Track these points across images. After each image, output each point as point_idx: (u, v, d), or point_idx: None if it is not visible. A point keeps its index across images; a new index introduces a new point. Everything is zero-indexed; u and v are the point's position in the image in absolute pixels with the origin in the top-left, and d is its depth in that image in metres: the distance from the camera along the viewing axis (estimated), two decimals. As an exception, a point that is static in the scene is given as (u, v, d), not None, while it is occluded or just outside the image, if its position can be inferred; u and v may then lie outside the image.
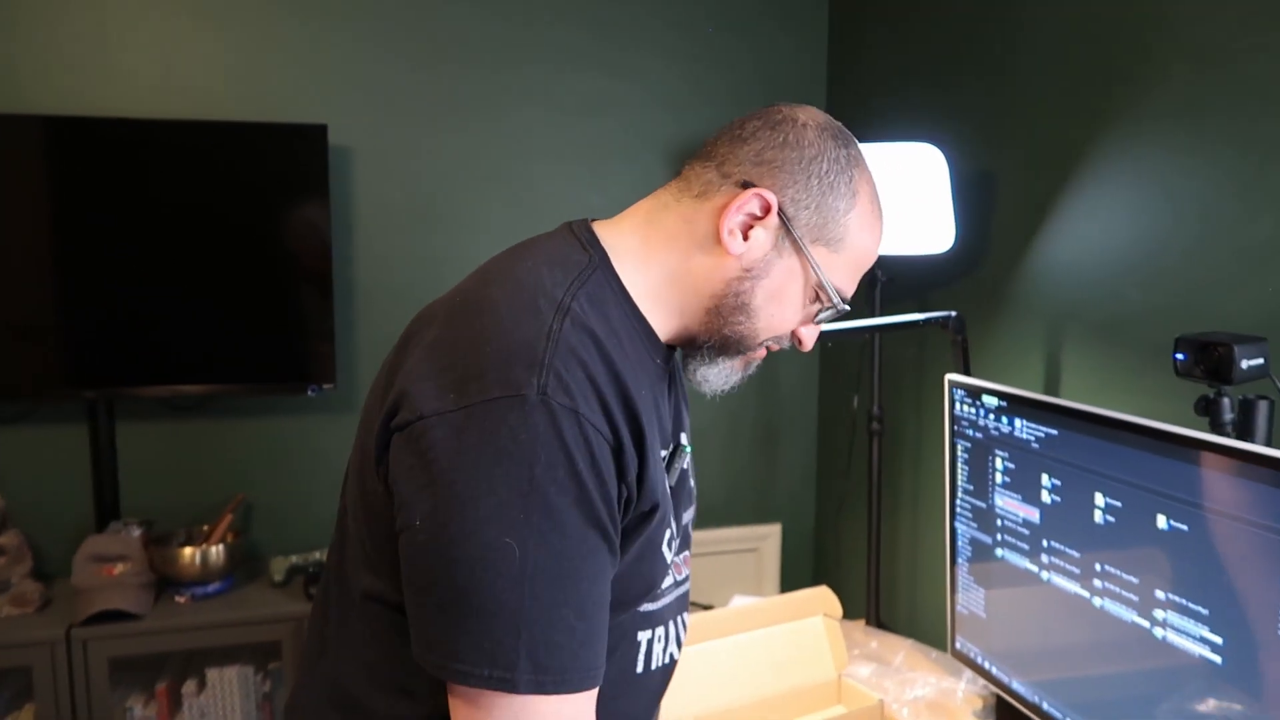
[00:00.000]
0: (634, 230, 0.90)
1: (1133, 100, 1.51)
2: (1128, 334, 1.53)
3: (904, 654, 1.79)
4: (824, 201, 0.86)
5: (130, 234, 2.07)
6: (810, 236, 0.86)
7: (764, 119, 0.89)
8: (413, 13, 2.27)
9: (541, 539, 0.73)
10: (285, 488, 2.30)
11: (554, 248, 0.88)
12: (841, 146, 0.88)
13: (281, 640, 2.02)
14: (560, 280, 0.83)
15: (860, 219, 0.88)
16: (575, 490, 0.74)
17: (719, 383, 0.92)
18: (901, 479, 2.19)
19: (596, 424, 0.76)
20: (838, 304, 0.90)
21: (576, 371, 0.76)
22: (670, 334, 0.91)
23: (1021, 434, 1.38)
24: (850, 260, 0.89)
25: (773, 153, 0.86)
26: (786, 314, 0.89)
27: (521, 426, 0.73)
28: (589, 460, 0.75)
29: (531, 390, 0.74)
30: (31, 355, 2.05)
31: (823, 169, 0.86)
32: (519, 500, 0.72)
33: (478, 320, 0.80)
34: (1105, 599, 1.24)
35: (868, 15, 2.36)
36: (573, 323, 0.79)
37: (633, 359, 0.84)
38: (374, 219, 2.30)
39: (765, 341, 0.91)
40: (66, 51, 2.09)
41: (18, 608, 1.96)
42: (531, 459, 0.73)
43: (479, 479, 0.73)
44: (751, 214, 0.85)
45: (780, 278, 0.87)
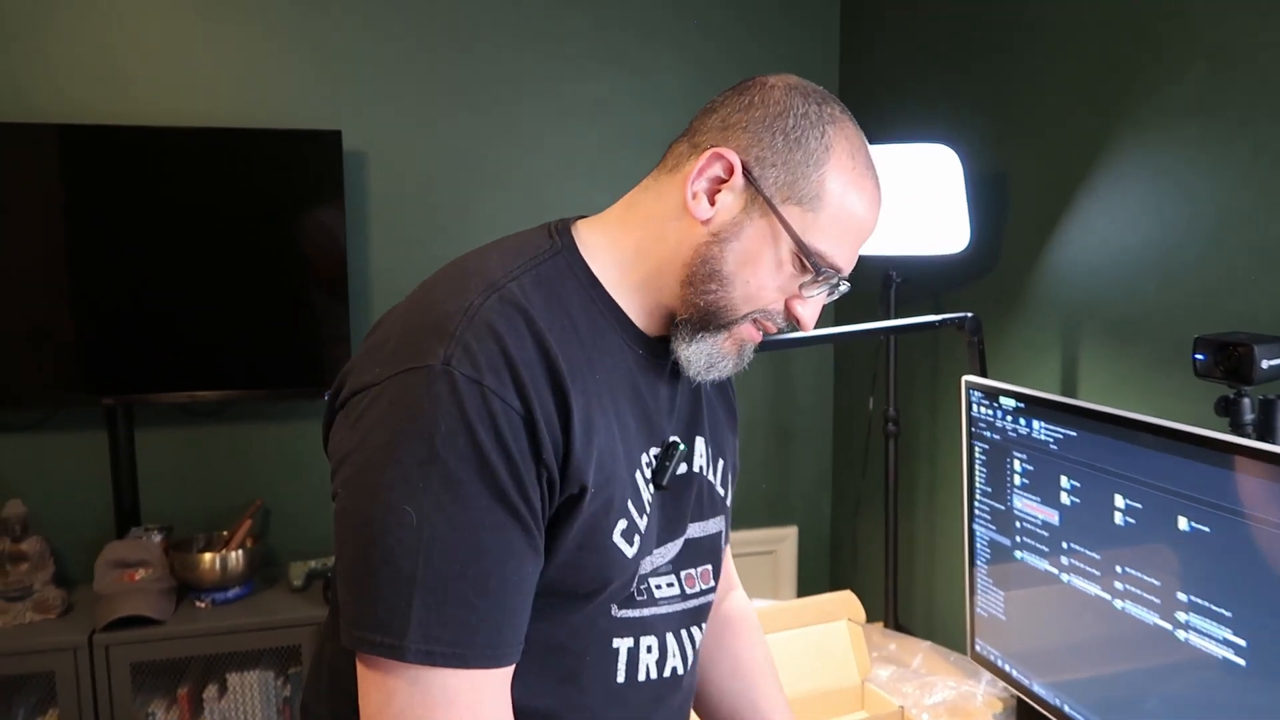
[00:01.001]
0: (614, 217, 0.90)
1: (1148, 98, 1.50)
2: (1145, 334, 1.52)
3: (922, 656, 1.79)
4: (791, 157, 0.82)
5: (147, 241, 2.09)
6: (780, 195, 0.82)
7: (734, 88, 0.88)
8: (425, 19, 2.28)
9: (439, 508, 0.72)
10: (302, 492, 2.31)
11: (520, 239, 0.88)
12: (812, 104, 0.84)
13: (301, 645, 2.03)
14: (507, 263, 0.83)
15: (839, 175, 0.83)
16: (477, 462, 0.73)
17: (704, 364, 0.87)
18: (917, 481, 2.19)
19: (505, 397, 0.74)
20: (822, 270, 0.84)
21: (489, 344, 0.75)
22: (656, 320, 0.88)
23: (1039, 435, 1.37)
24: (835, 222, 0.84)
25: (738, 115, 0.85)
26: (764, 280, 0.84)
27: (425, 396, 0.73)
28: (492, 433, 0.73)
29: (437, 361, 0.74)
30: (50, 363, 2.07)
31: (788, 124, 0.83)
32: (419, 469, 0.72)
33: (410, 305, 0.82)
34: (1126, 601, 1.24)
35: (880, 15, 2.35)
36: (500, 299, 0.78)
37: (589, 343, 0.82)
38: (388, 223, 2.31)
39: (750, 315, 0.86)
40: (81, 61, 2.11)
41: (40, 614, 1.98)
42: (432, 428, 0.72)
43: (386, 447, 0.73)
44: (716, 177, 0.84)
45: (752, 240, 0.83)
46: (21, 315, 2.04)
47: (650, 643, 0.90)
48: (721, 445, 1.01)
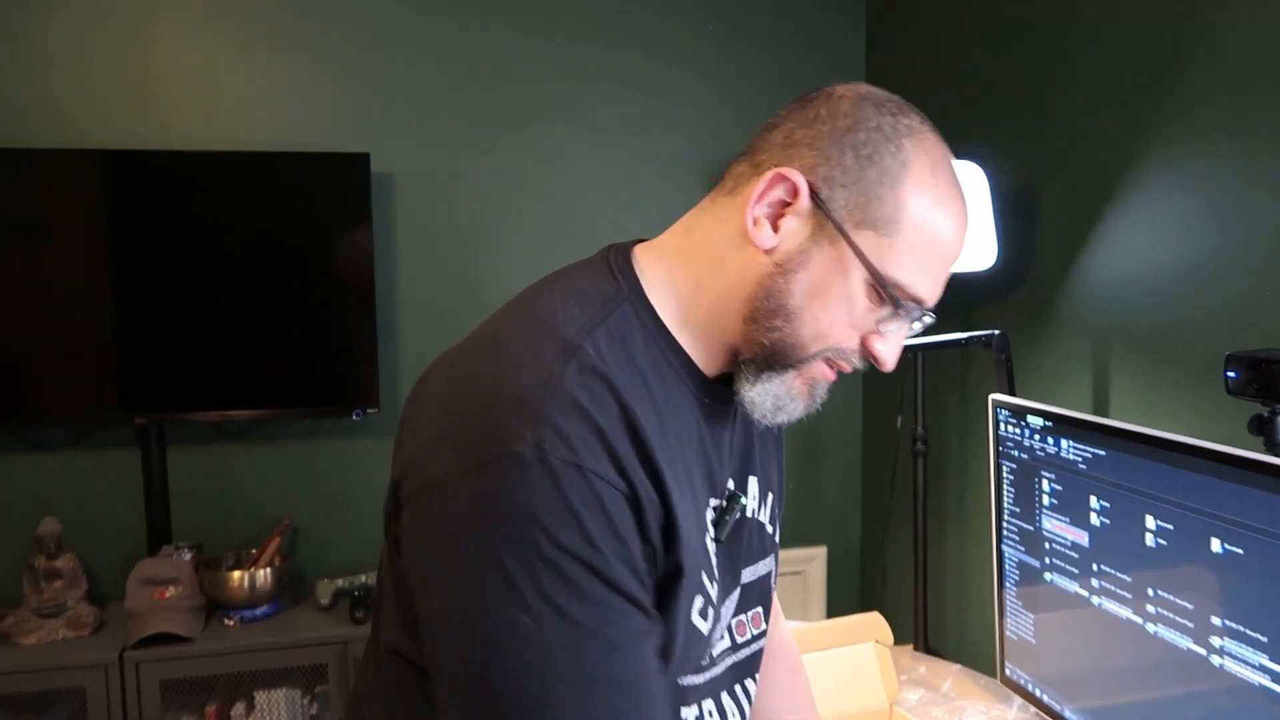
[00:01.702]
0: (671, 245, 0.81)
1: (1178, 112, 1.48)
2: (1177, 351, 1.49)
3: (952, 680, 1.75)
4: (863, 176, 0.73)
5: (179, 263, 2.12)
6: (852, 220, 0.73)
7: (799, 100, 0.78)
8: (451, 42, 2.31)
9: (559, 612, 0.65)
10: (330, 511, 2.33)
11: (581, 278, 0.80)
12: (886, 114, 0.75)
13: (328, 663, 2.04)
14: (577, 317, 0.74)
15: (918, 194, 0.74)
16: (590, 553, 0.66)
17: (771, 408, 0.79)
18: (947, 500, 2.16)
19: (607, 477, 0.67)
20: (901, 303, 0.75)
21: (578, 422, 0.67)
22: (720, 360, 0.80)
23: (1068, 455, 1.35)
24: (915, 247, 0.74)
25: (802, 131, 0.75)
26: (835, 316, 0.75)
27: (520, 489, 0.65)
28: (601, 518, 0.66)
29: (527, 447, 0.66)
30: (85, 382, 2.11)
31: (859, 139, 0.74)
32: (526, 571, 0.64)
33: (479, 368, 0.73)
34: (1159, 625, 1.21)
35: (905, 33, 2.35)
36: (580, 366, 0.70)
37: (663, 401, 0.75)
38: (416, 244, 2.33)
39: (821, 353, 0.77)
40: (121, 88, 2.16)
41: (73, 630, 2.00)
42: (534, 524, 0.65)
43: (484, 553, 0.65)
44: (780, 201, 0.75)
45: (821, 270, 0.74)
46: (58, 336, 2.08)
47: (710, 706, 0.85)
48: (770, 479, 0.95)
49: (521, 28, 2.34)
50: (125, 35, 2.16)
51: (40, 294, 2.05)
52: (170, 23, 2.17)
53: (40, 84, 2.12)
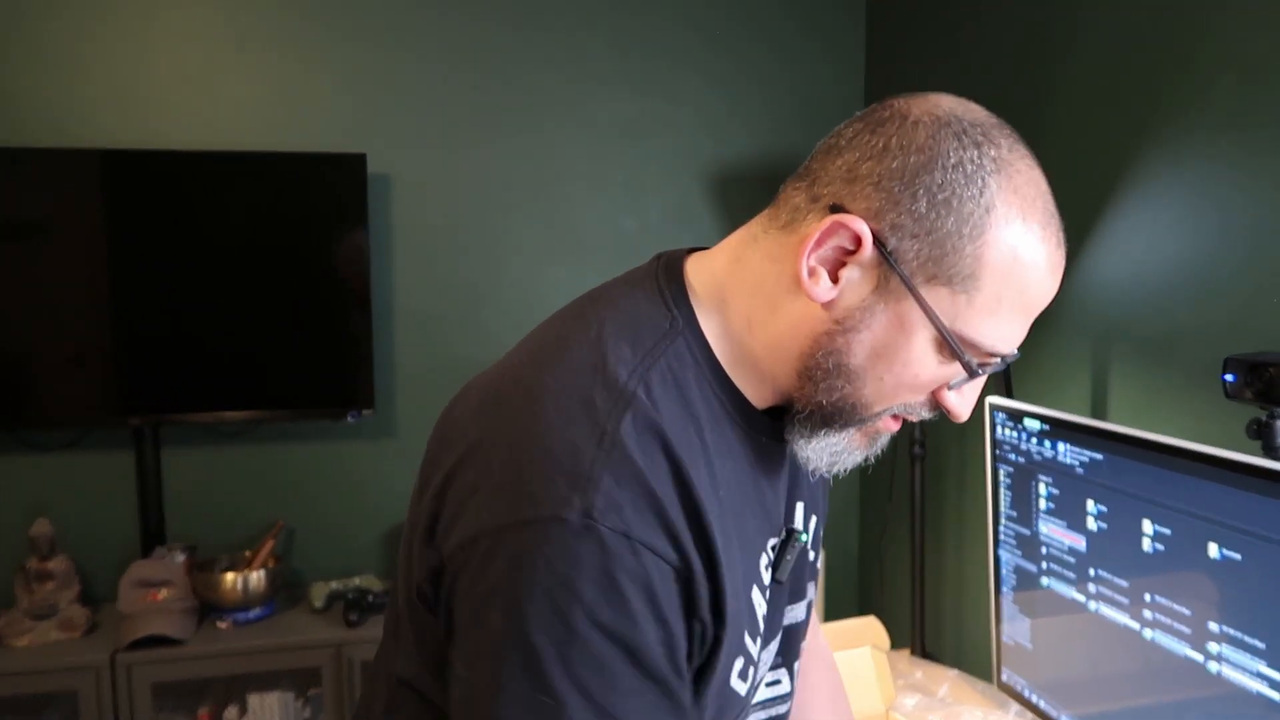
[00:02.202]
0: (722, 271, 0.72)
1: (1178, 113, 1.47)
2: (1176, 354, 1.48)
3: (949, 685, 1.74)
4: (938, 225, 0.63)
5: (175, 264, 2.11)
6: (924, 274, 0.64)
7: (867, 118, 0.68)
8: (449, 42, 2.30)
9: (584, 694, 0.60)
10: (325, 514, 2.32)
11: (631, 306, 0.71)
12: (970, 146, 0.64)
13: (321, 666, 2.03)
14: (628, 357, 0.67)
15: (1004, 244, 0.64)
16: (629, 634, 0.61)
17: (827, 461, 0.72)
18: (945, 504, 2.15)
19: (659, 549, 0.62)
20: (975, 365, 0.67)
21: (631, 486, 0.62)
22: (772, 398, 0.74)
23: (1065, 459, 1.34)
24: (999, 301, 0.65)
25: (869, 164, 0.65)
26: (903, 377, 0.67)
27: (560, 557, 0.60)
28: (647, 596, 0.61)
29: (573, 512, 0.60)
30: (80, 383, 2.10)
31: (934, 181, 0.63)
32: (555, 648, 0.60)
33: (522, 415, 0.66)
34: (1156, 630, 1.20)
35: (906, 35, 2.34)
36: (634, 419, 0.64)
37: (714, 448, 0.68)
38: (412, 245, 2.33)
39: (887, 412, 0.70)
40: (120, 88, 2.15)
41: (65, 632, 1.99)
42: (572, 597, 0.60)
43: (510, 623, 0.60)
44: (841, 248, 0.66)
45: (886, 331, 0.66)
46: (53, 336, 2.07)
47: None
48: (815, 500, 0.88)
49: (520, 28, 2.33)
50: (124, 36, 2.15)
51: (36, 294, 2.04)
52: (169, 24, 2.17)
53: (39, 84, 2.12)
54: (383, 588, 2.17)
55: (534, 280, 2.39)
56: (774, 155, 2.49)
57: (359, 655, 2.02)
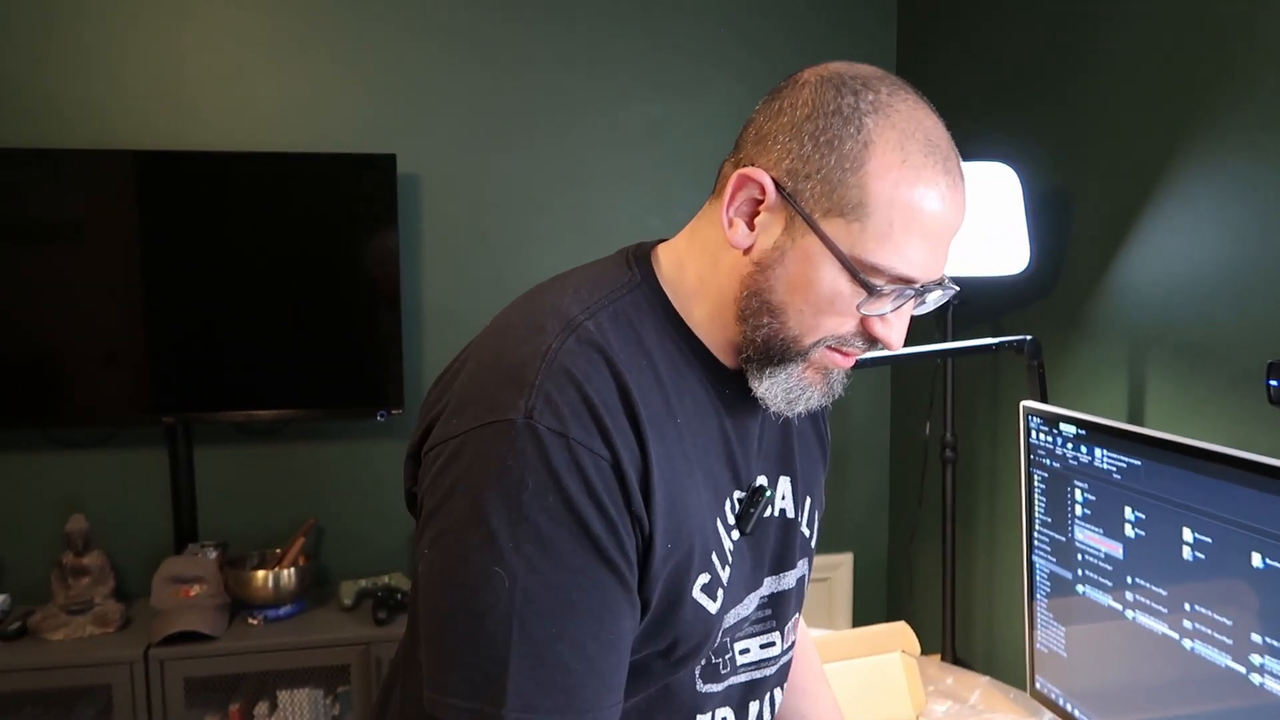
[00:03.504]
0: (681, 245, 0.83)
1: (1219, 111, 1.44)
2: (1216, 358, 1.45)
3: (980, 692, 1.72)
4: (825, 163, 0.72)
5: (207, 263, 2.13)
6: (820, 209, 0.73)
7: (772, 91, 0.79)
8: (478, 43, 2.31)
9: (531, 569, 0.68)
10: (354, 512, 2.33)
11: (597, 269, 0.83)
12: (847, 94, 0.73)
13: (350, 664, 2.04)
14: (585, 298, 0.78)
15: (885, 173, 0.72)
16: (569, 518, 0.69)
17: (783, 400, 0.79)
18: (977, 508, 2.12)
19: (592, 446, 0.70)
20: (877, 287, 0.74)
21: (569, 391, 0.70)
22: (727, 352, 0.82)
23: (1102, 464, 1.31)
24: (891, 225, 0.72)
25: (769, 125, 0.76)
26: (820, 305, 0.75)
27: (508, 452, 0.69)
28: (583, 486, 0.69)
29: (517, 414, 0.70)
30: (114, 382, 2.13)
31: (818, 126, 0.73)
32: (507, 529, 0.68)
33: (488, 344, 0.78)
34: (1196, 640, 1.17)
35: (937, 31, 2.31)
36: (579, 340, 0.73)
37: (671, 385, 0.77)
38: (441, 245, 2.33)
39: (818, 344, 0.77)
40: (154, 90, 2.18)
41: (100, 627, 2.02)
42: (518, 486, 0.68)
43: (471, 508, 0.69)
44: (752, 199, 0.76)
45: (797, 264, 0.74)
46: (88, 335, 2.09)
47: (727, 714, 0.86)
48: (810, 483, 0.94)
49: (549, 30, 2.34)
50: (158, 39, 2.17)
51: (71, 294, 2.07)
52: (202, 26, 2.19)
53: (75, 86, 2.15)
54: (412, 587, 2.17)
55: (562, 280, 2.38)
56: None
57: (387, 654, 2.03)
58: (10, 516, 2.17)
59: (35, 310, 2.06)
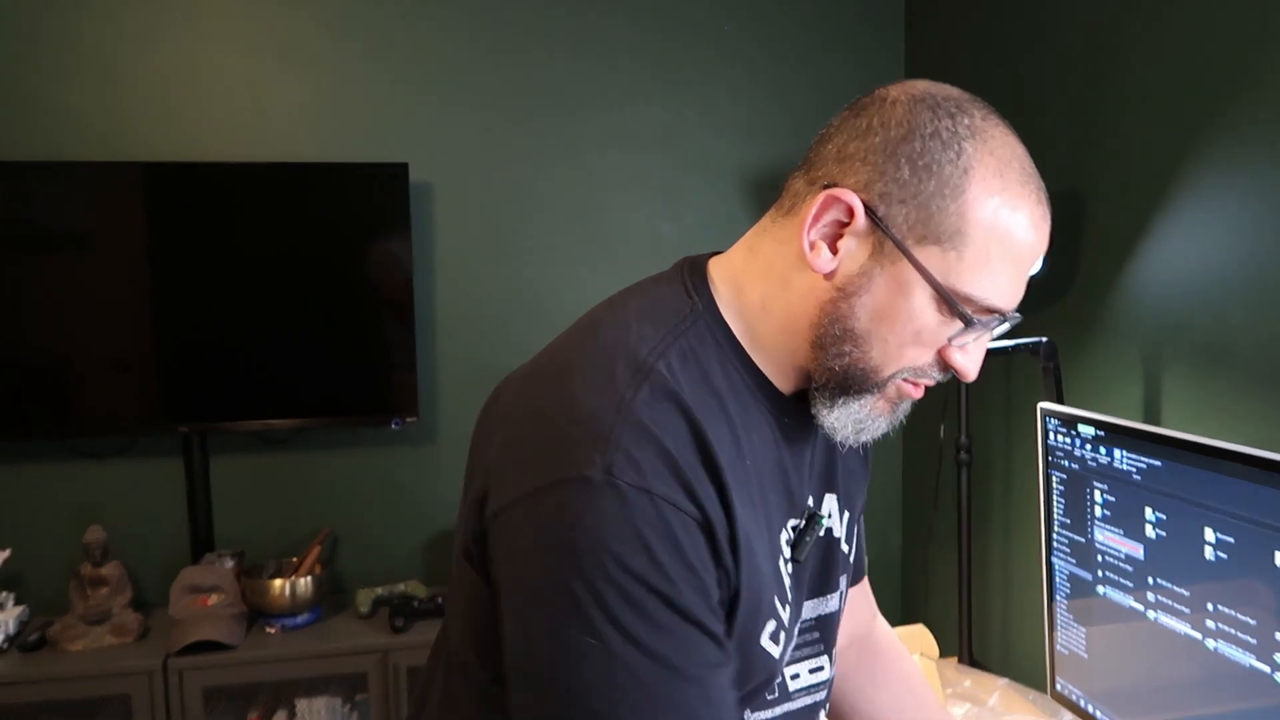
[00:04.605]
0: (739, 263, 0.79)
1: (1235, 109, 1.44)
2: (1234, 358, 1.45)
3: (999, 694, 1.72)
4: (922, 189, 0.69)
5: (221, 274, 2.14)
6: (914, 236, 0.70)
7: (853, 106, 0.75)
8: (489, 54, 2.32)
9: (629, 640, 0.64)
10: (370, 520, 2.34)
11: (655, 296, 0.78)
12: (944, 116, 0.70)
13: (368, 672, 2.04)
14: (649, 336, 0.73)
15: (985, 200, 0.69)
16: (660, 581, 0.65)
17: (852, 430, 0.76)
18: (991, 511, 2.12)
19: (677, 502, 0.66)
20: (973, 319, 0.71)
21: (649, 446, 0.66)
22: (796, 378, 0.78)
23: (1122, 465, 1.32)
24: (986, 255, 0.70)
25: (855, 144, 0.72)
26: (904, 337, 0.72)
27: (588, 512, 0.64)
28: (672, 545, 0.65)
29: (596, 471, 0.65)
30: (130, 392, 2.14)
31: (914, 149, 0.70)
32: (593, 596, 0.64)
33: (550, 389, 0.72)
34: (1219, 641, 1.17)
35: (947, 29, 2.32)
36: (652, 389, 0.69)
37: (739, 423, 0.73)
38: (454, 253, 2.34)
39: (897, 375, 0.74)
40: (164, 102, 2.19)
41: (118, 637, 2.03)
42: (602, 549, 0.64)
43: (554, 574, 0.65)
44: (836, 221, 0.72)
45: (885, 292, 0.71)
46: (103, 346, 2.10)
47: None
48: (853, 497, 0.92)
49: (559, 40, 2.34)
50: (169, 50, 2.19)
51: (85, 305, 2.08)
52: (213, 38, 2.20)
53: (87, 99, 2.16)
54: (427, 594, 2.18)
55: (574, 286, 2.39)
56: (814, 159, 2.48)
57: (405, 661, 2.04)
58: (28, 527, 2.18)
59: (51, 322, 2.07)
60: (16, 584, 2.15)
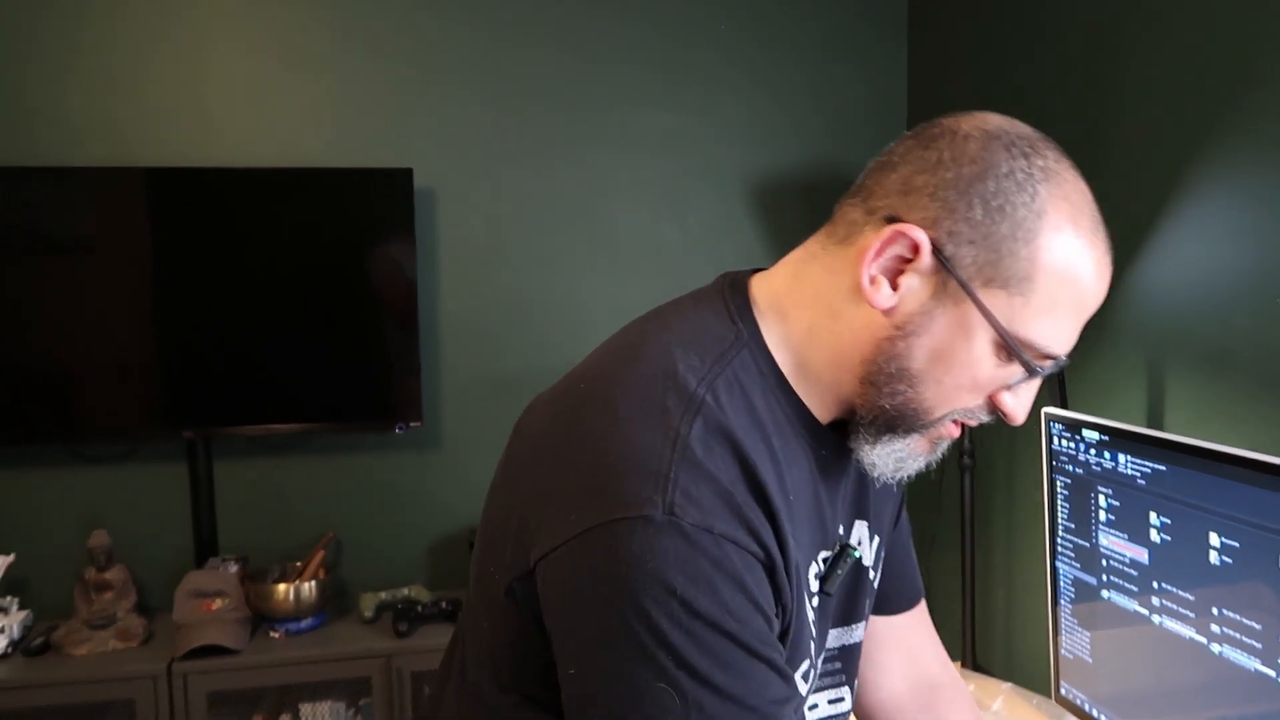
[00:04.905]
0: (782, 287, 0.76)
1: (1238, 113, 1.45)
2: (1237, 364, 1.46)
3: (1003, 699, 1.72)
4: (993, 231, 0.66)
5: (226, 278, 2.15)
6: (981, 278, 0.67)
7: (919, 136, 0.72)
8: (492, 58, 2.33)
9: (700, 682, 0.62)
10: (373, 524, 2.34)
11: (697, 319, 0.75)
12: (1019, 156, 0.68)
13: (371, 676, 2.05)
14: (696, 365, 0.70)
15: (1056, 247, 0.67)
16: (726, 619, 0.63)
17: (892, 467, 0.75)
18: (994, 516, 2.12)
19: (739, 540, 0.64)
20: (1035, 366, 0.70)
21: (707, 484, 0.64)
22: (835, 409, 0.76)
23: (1126, 470, 1.32)
24: (1051, 302, 0.68)
25: (923, 177, 0.69)
26: (962, 380, 0.70)
27: (649, 553, 0.62)
28: (737, 584, 0.64)
29: (656, 510, 0.63)
30: (134, 397, 2.14)
31: (988, 189, 0.67)
32: (660, 639, 0.61)
33: (596, 419, 0.69)
34: (1224, 645, 1.17)
35: (949, 42, 2.33)
36: (705, 423, 0.67)
37: (781, 456, 0.71)
38: (458, 258, 2.35)
39: (950, 415, 0.73)
40: (168, 107, 2.20)
41: (123, 642, 2.03)
42: (666, 590, 0.62)
43: (612, 617, 0.62)
44: (900, 256, 0.69)
45: (945, 334, 0.69)
46: (107, 351, 2.11)
47: None
48: (881, 519, 0.90)
49: (562, 44, 2.35)
50: (175, 58, 2.19)
51: (89, 310, 2.09)
52: (219, 45, 2.21)
53: (92, 104, 2.16)
54: (431, 599, 2.18)
55: (578, 292, 2.40)
56: (812, 166, 2.48)
57: (408, 666, 2.04)
58: (32, 532, 2.18)
59: (55, 327, 2.08)
60: (21, 588, 2.16)
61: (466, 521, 2.38)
